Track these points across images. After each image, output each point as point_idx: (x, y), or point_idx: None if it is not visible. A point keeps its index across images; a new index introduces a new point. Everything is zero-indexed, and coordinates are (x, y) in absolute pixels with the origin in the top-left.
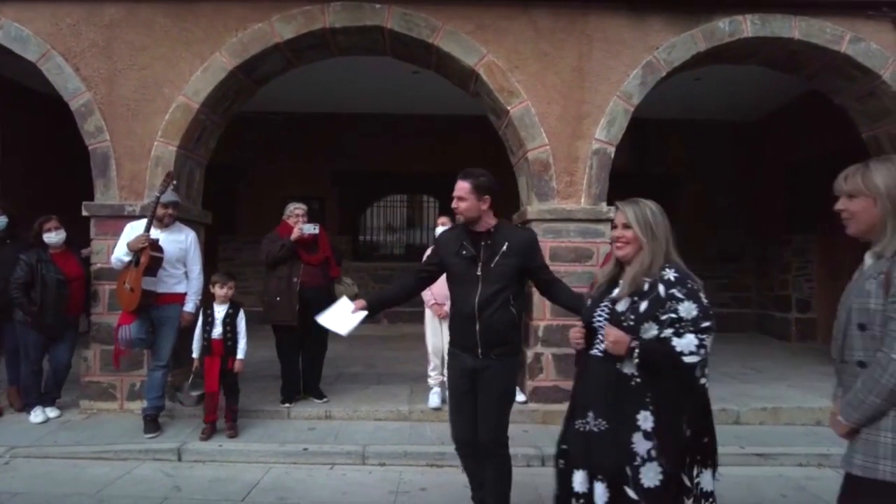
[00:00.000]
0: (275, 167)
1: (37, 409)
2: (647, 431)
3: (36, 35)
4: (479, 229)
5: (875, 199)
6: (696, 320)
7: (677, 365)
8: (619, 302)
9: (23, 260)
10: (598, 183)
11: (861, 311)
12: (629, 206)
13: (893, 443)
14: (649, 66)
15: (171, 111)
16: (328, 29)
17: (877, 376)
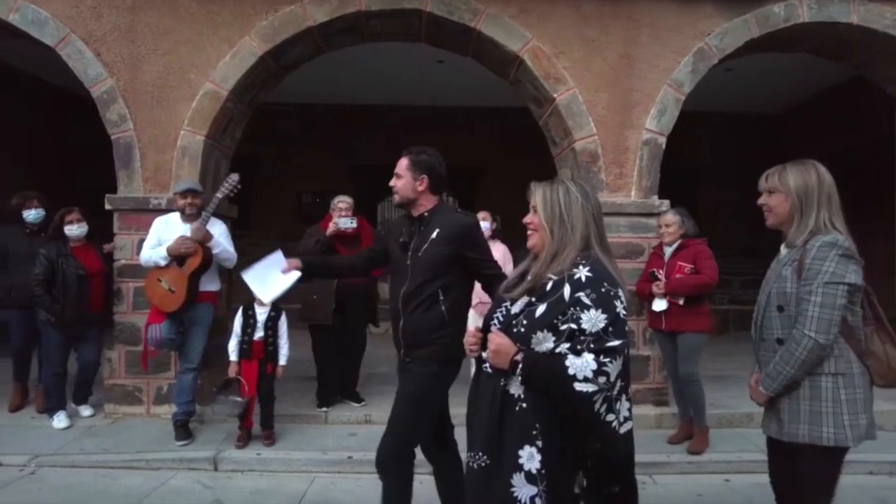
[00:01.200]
0: (289, 160)
1: (60, 414)
2: (531, 473)
3: (54, 18)
4: (414, 213)
5: (787, 196)
6: (600, 336)
7: (566, 391)
8: (516, 302)
9: (42, 254)
10: (649, 175)
11: (779, 295)
12: (540, 187)
13: (808, 408)
14: (700, 52)
15: (198, 98)
16: (363, 12)
17: (792, 350)
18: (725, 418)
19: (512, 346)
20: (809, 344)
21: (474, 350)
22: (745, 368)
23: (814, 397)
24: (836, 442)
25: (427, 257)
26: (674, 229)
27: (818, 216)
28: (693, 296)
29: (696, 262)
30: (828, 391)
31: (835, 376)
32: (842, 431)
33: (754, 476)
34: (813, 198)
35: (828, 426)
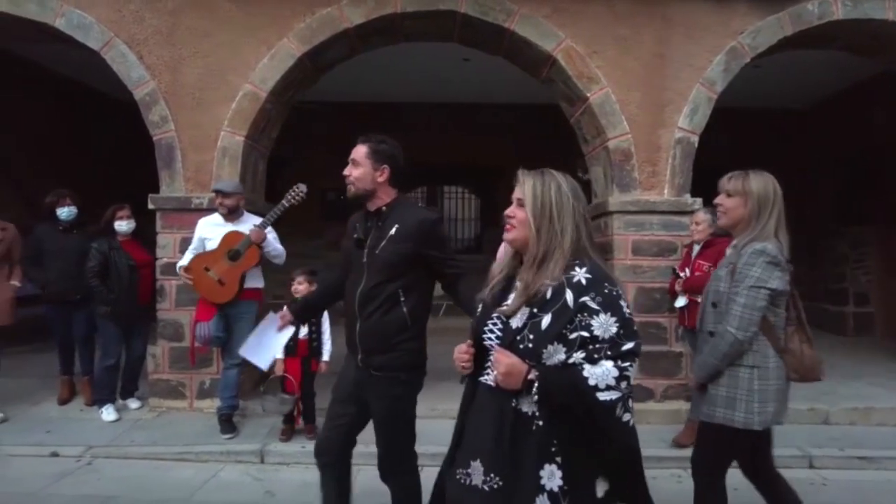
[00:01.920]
0: (314, 159)
1: (108, 407)
2: (554, 492)
3: (99, 22)
4: (371, 208)
5: (746, 200)
6: (616, 341)
7: (589, 403)
8: (515, 315)
9: (94, 248)
10: (681, 173)
11: (714, 293)
12: (529, 178)
13: (726, 394)
14: (733, 51)
15: (237, 100)
16: (398, 14)
17: (717, 343)
18: None
19: (522, 364)
20: (731, 339)
21: (467, 367)
22: None
23: (731, 385)
24: (746, 425)
25: (385, 255)
26: (703, 227)
27: (768, 223)
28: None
29: (717, 260)
30: (744, 381)
31: (751, 368)
32: (751, 416)
33: (790, 471)
34: (768, 206)
35: (740, 411)
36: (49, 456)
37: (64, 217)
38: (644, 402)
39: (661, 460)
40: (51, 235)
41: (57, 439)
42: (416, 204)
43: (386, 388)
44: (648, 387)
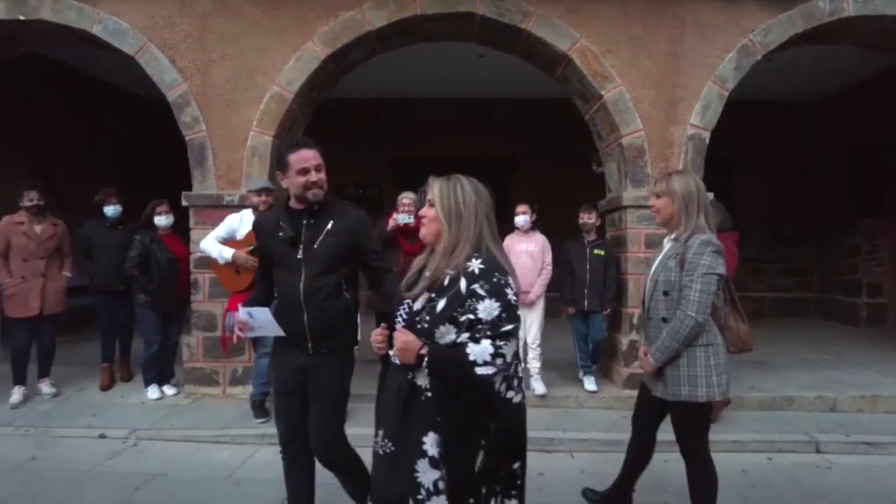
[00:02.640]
0: (332, 153)
1: (153, 387)
2: (434, 458)
3: (133, 28)
4: (299, 206)
5: (672, 199)
6: (496, 323)
7: (468, 377)
8: (418, 299)
9: (137, 240)
10: (693, 169)
11: (665, 282)
12: (437, 182)
13: (687, 374)
14: (744, 49)
15: (265, 101)
16: (419, 16)
17: (677, 328)
18: (766, 401)
19: (417, 341)
20: (690, 322)
21: (382, 348)
22: (782, 353)
23: (690, 364)
24: (708, 398)
25: (324, 249)
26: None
27: (698, 218)
28: None
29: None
30: (701, 359)
31: (706, 347)
32: (712, 389)
33: (796, 455)
34: (694, 202)
35: (702, 386)
36: (97, 437)
37: (110, 214)
38: None
39: (673, 444)
40: (98, 231)
41: (103, 422)
42: (342, 201)
43: (337, 366)
44: None
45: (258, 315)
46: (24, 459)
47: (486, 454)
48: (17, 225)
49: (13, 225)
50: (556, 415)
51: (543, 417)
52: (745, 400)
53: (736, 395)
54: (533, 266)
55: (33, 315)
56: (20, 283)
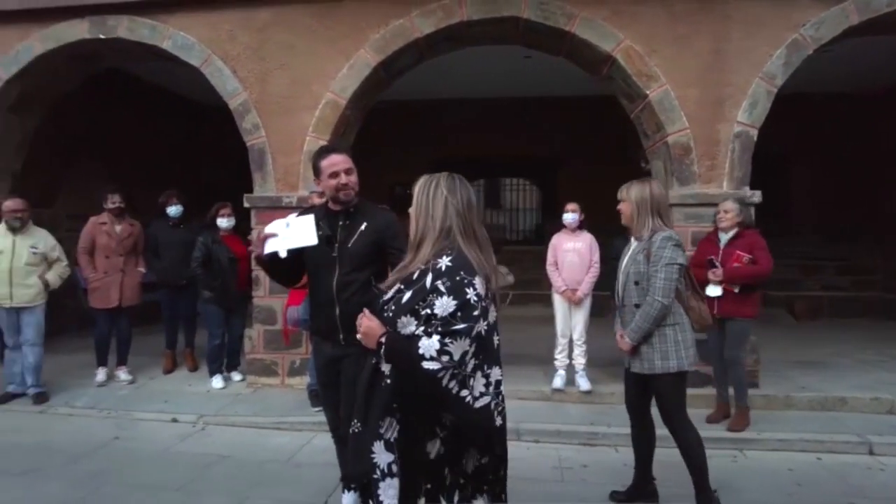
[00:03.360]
0: (380, 154)
1: (217, 377)
2: (389, 441)
3: (199, 42)
4: (337, 208)
5: (630, 204)
6: (448, 320)
7: (415, 369)
8: (391, 289)
9: (200, 241)
10: (741, 167)
11: (636, 273)
12: (418, 182)
13: (659, 349)
14: (794, 44)
15: (320, 107)
16: (465, 22)
17: (647, 311)
18: (818, 401)
19: (380, 328)
20: (658, 305)
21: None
22: (837, 354)
23: (662, 341)
24: (679, 368)
25: (357, 248)
26: (732, 216)
27: (651, 219)
28: (748, 284)
29: (753, 251)
30: (670, 336)
31: (673, 326)
32: (682, 360)
33: (848, 457)
34: (646, 206)
35: (673, 359)
36: (170, 421)
37: (173, 214)
38: (700, 388)
39: (717, 441)
40: (163, 230)
41: (174, 408)
42: (376, 205)
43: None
44: (705, 373)
45: (297, 223)
46: (109, 438)
47: (442, 443)
48: (101, 225)
49: (98, 225)
50: (601, 410)
51: (588, 413)
52: (795, 399)
53: (785, 395)
54: (580, 264)
55: (113, 307)
56: (103, 277)
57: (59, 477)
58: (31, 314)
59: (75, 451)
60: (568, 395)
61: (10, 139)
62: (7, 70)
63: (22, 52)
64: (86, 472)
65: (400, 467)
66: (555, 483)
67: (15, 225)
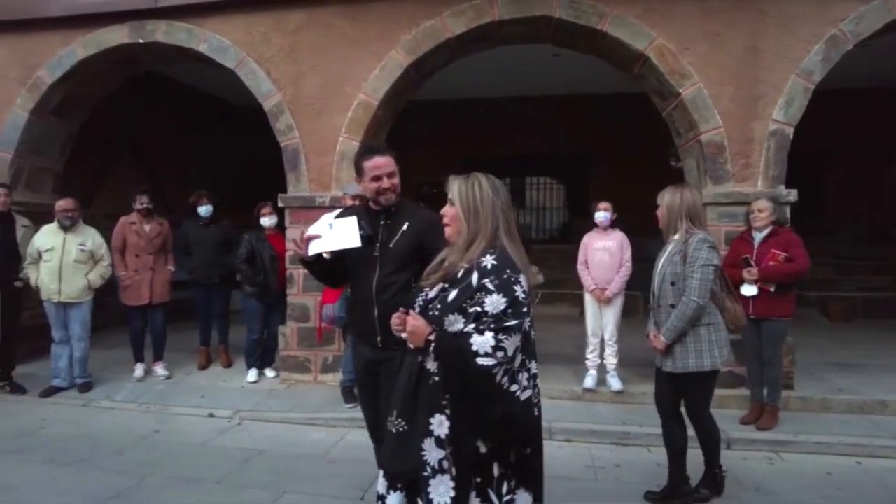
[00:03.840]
0: (408, 154)
1: (252, 371)
2: (440, 438)
3: (234, 45)
4: (378, 207)
5: (663, 209)
6: (500, 317)
7: (468, 365)
8: (433, 288)
9: (245, 238)
10: (775, 165)
11: (672, 274)
12: (455, 181)
13: (694, 348)
14: (833, 39)
15: (352, 108)
16: (496, 21)
17: (683, 310)
18: (856, 404)
19: (427, 326)
20: (694, 305)
21: (399, 330)
22: (875, 357)
23: (696, 341)
24: (713, 367)
25: (399, 248)
26: (766, 215)
27: (681, 223)
28: (784, 283)
29: (789, 249)
30: (704, 336)
31: (708, 326)
32: (716, 360)
33: (889, 461)
34: (675, 212)
35: (707, 358)
36: (207, 416)
37: (203, 213)
38: (734, 389)
39: (752, 442)
40: (194, 229)
41: (210, 403)
42: (417, 204)
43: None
44: (740, 374)
45: (340, 224)
46: (149, 432)
47: (492, 438)
48: (131, 225)
49: (128, 225)
50: (633, 410)
51: (620, 413)
52: (833, 402)
53: (821, 397)
54: (611, 263)
55: (144, 303)
56: (133, 275)
57: (107, 467)
58: (77, 310)
59: (119, 444)
60: (599, 394)
61: (54, 141)
62: (52, 75)
63: (65, 57)
64: (131, 463)
65: (452, 463)
66: (589, 482)
67: (66, 223)
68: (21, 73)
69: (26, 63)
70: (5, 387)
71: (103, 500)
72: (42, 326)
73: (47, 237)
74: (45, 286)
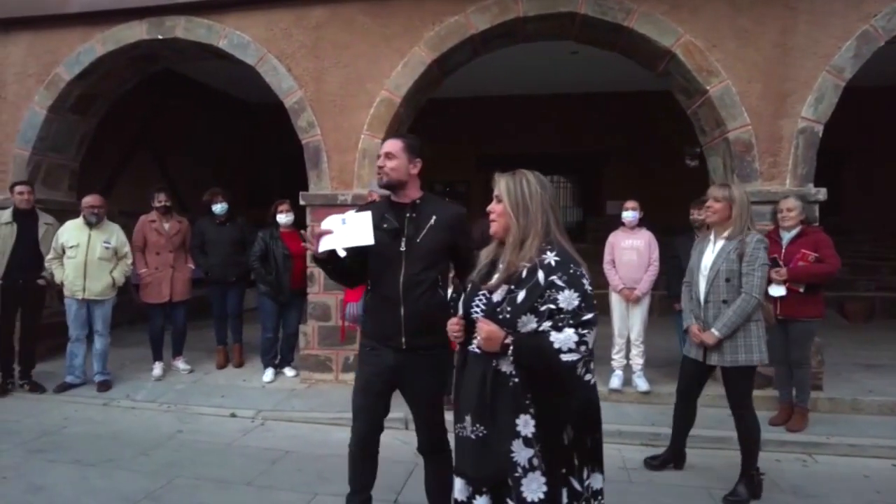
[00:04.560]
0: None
1: (269, 370)
2: (528, 437)
3: (254, 41)
4: (403, 200)
5: (731, 205)
6: (577, 312)
7: (553, 363)
8: (496, 291)
9: (259, 236)
10: (804, 163)
11: (727, 271)
12: (503, 178)
13: (744, 343)
14: (865, 35)
15: (375, 105)
16: (521, 18)
17: (743, 306)
18: (888, 406)
19: (500, 331)
20: (755, 302)
21: (459, 336)
22: None
23: (746, 336)
24: (761, 361)
25: (426, 243)
26: (794, 214)
27: (744, 221)
28: (814, 283)
29: (819, 249)
30: (753, 331)
31: (757, 322)
32: (763, 354)
33: None
34: (744, 209)
35: (756, 353)
36: (229, 416)
37: (218, 211)
38: (763, 390)
39: (784, 444)
40: (209, 227)
41: (231, 403)
42: (444, 198)
43: (435, 364)
44: (768, 374)
45: (353, 220)
46: (173, 432)
47: (574, 428)
48: (151, 223)
49: (147, 223)
50: (661, 411)
51: (648, 413)
52: (863, 404)
53: (851, 398)
54: (638, 262)
55: (165, 301)
56: (154, 273)
57: (134, 468)
58: (101, 307)
59: (144, 444)
60: (625, 395)
61: (71, 138)
62: (70, 71)
63: (83, 53)
64: (158, 463)
65: (541, 459)
66: (624, 483)
67: (92, 220)
68: (39, 70)
69: (44, 60)
70: (24, 385)
71: (135, 500)
72: (56, 325)
73: (72, 233)
74: (69, 283)
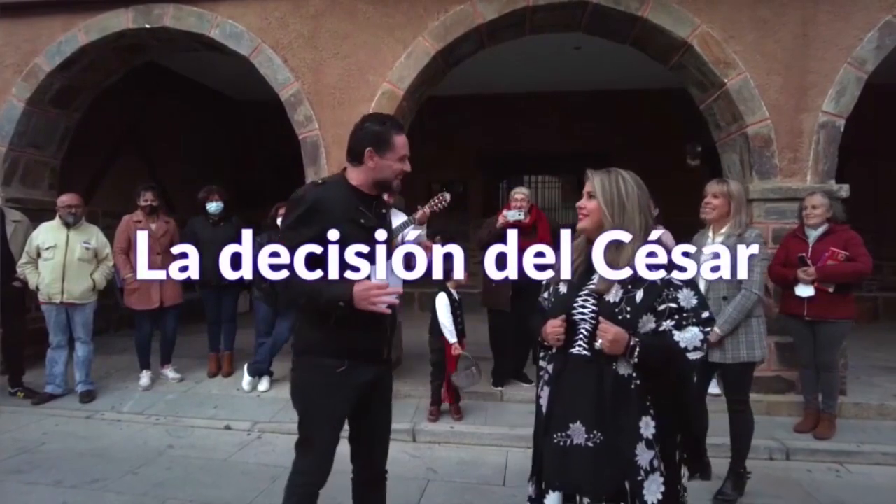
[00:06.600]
0: (419, 150)
1: (265, 378)
2: (649, 439)
3: (248, 30)
4: (370, 192)
5: (729, 200)
6: (698, 310)
7: (680, 362)
8: (609, 292)
9: (257, 241)
10: (825, 159)
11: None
12: (597, 175)
13: (746, 340)
14: (888, 26)
15: (377, 98)
16: (530, 7)
17: (743, 302)
18: None
19: (625, 332)
20: (755, 298)
21: (561, 339)
22: None
23: (747, 332)
24: (762, 357)
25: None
26: (821, 212)
27: (742, 216)
28: (845, 283)
29: (849, 248)
30: (754, 327)
31: (758, 318)
32: (763, 350)
33: None
34: (742, 204)
35: (757, 349)
36: (223, 429)
37: (212, 210)
38: (783, 394)
39: (814, 453)
40: (203, 226)
41: (225, 414)
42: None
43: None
44: (788, 378)
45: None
46: (163, 447)
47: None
48: (136, 223)
49: (133, 223)
50: None
51: None
52: (890, 409)
53: (878, 403)
54: None
55: (155, 307)
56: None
57: (121, 489)
58: (81, 312)
59: (132, 461)
60: None
61: (52, 133)
62: (50, 62)
63: (65, 43)
64: (148, 483)
65: (661, 460)
66: None
67: (69, 220)
68: (17, 59)
69: (23, 49)
70: (18, 392)
71: None
72: (36, 332)
73: (48, 234)
74: (45, 286)
